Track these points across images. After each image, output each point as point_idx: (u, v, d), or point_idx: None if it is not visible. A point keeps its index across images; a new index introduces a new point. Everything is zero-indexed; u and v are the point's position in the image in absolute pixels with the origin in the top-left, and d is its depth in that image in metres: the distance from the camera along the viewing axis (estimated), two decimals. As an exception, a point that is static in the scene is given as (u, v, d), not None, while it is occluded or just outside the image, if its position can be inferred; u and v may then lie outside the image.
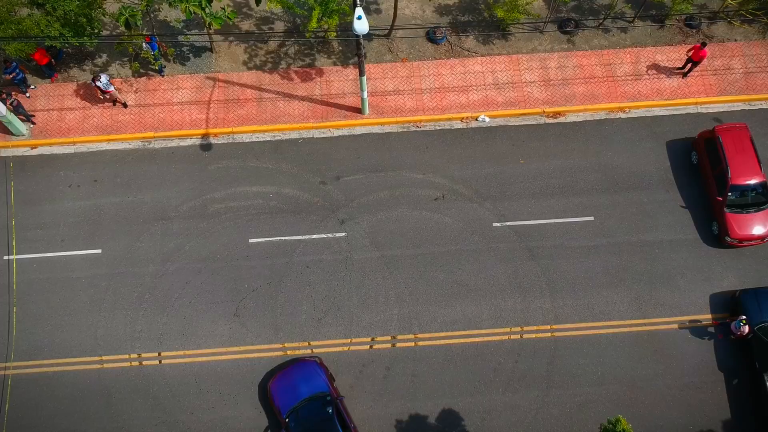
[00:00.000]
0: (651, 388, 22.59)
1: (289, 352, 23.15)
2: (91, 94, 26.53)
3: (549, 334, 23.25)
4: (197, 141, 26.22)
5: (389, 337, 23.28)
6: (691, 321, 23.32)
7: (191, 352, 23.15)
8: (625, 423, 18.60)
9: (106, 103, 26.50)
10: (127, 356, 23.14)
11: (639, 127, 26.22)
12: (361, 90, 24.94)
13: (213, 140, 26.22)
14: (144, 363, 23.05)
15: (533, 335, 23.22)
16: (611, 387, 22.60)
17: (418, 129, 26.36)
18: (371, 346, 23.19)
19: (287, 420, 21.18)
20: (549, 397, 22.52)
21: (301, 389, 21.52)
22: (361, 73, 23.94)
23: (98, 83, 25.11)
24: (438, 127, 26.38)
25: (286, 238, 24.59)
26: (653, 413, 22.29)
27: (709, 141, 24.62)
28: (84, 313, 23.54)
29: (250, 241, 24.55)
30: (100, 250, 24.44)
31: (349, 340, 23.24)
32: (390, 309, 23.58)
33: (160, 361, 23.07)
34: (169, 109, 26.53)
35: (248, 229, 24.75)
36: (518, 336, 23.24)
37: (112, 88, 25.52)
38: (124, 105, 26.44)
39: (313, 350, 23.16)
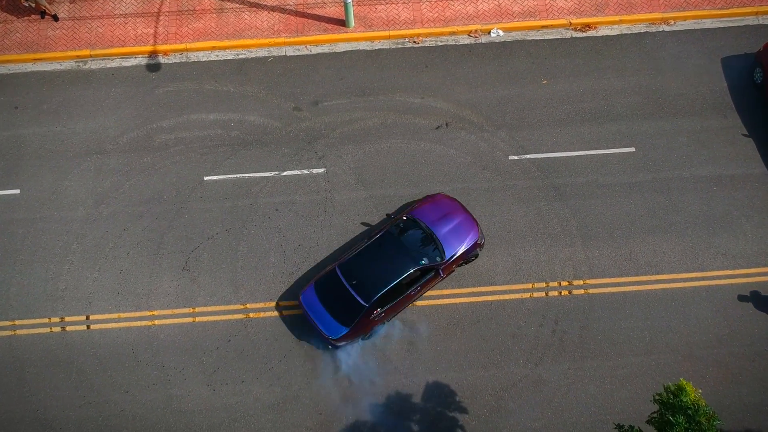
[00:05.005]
0: (712, 358, 17.71)
1: (251, 315, 18.28)
2: (14, 4, 21.68)
3: (582, 291, 18.38)
4: (143, 60, 21.37)
5: (379, 296, 18.45)
6: (760, 274, 18.43)
7: (128, 315, 18.29)
8: (691, 389, 13.58)
9: (33, 15, 21.67)
10: (47, 320, 18.28)
11: (687, 41, 21.35)
12: (344, -8, 20.11)
13: (162, 59, 21.36)
14: (68, 329, 18.20)
15: (562, 292, 18.36)
16: (662, 357, 17.73)
17: (416, 45, 21.51)
18: (356, 307, 18.36)
19: None
20: (583, 370, 17.65)
21: None
22: (343, -35, 19.10)
23: (18, -15, 20.30)
24: (440, 43, 21.52)
25: (251, 175, 19.74)
26: (716, 389, 17.35)
27: (779, 52, 19.79)
28: (-6, 267, 18.78)
29: (205, 178, 19.72)
30: (18, 191, 19.64)
31: (328, 300, 18.41)
32: (380, 261, 18.75)
33: (88, 327, 18.21)
34: (109, 23, 21.66)
35: (203, 164, 19.91)
36: (543, 294, 18.37)
37: (36, -7, 20.69)
38: (55, 18, 21.60)
39: (283, 312, 18.29)
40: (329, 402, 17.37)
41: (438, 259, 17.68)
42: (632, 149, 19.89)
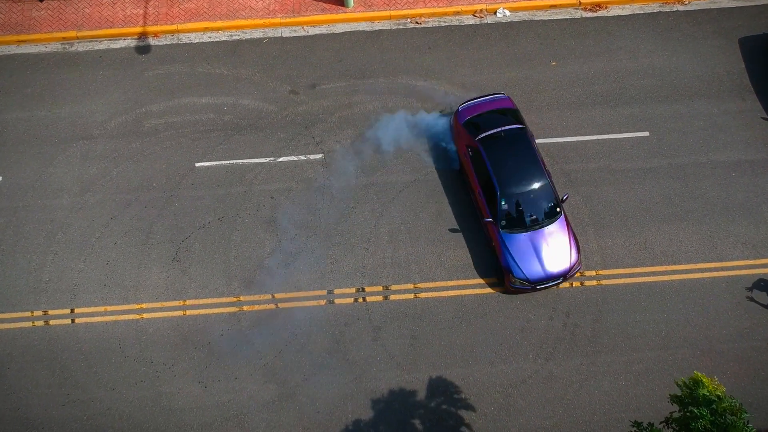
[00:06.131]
0: (733, 353, 16.74)
1: (245, 308, 17.32)
2: (-3, -16, 20.80)
3: (594, 282, 17.44)
4: (132, 42, 20.47)
5: (380, 288, 17.48)
6: (783, 264, 17.57)
7: (114, 308, 17.34)
8: (709, 382, 12.54)
9: (16, -4, 20.80)
10: (29, 314, 17.33)
11: (702, 21, 20.43)
12: (343, -32, 19.17)
13: (152, 41, 20.45)
14: (51, 322, 17.24)
15: (573, 283, 17.42)
16: (680, 351, 16.77)
17: (418, 26, 20.59)
18: (356, 300, 17.39)
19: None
20: (596, 365, 16.69)
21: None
22: (342, -61, 18.15)
23: (-1, -38, 19.36)
24: (444, 24, 20.60)
25: (245, 161, 18.81)
26: (737, 386, 16.34)
27: (800, 30, 18.87)
28: (-26, 258, 17.82)
29: (197, 165, 18.80)
30: (0, 178, 18.69)
31: (325, 292, 17.44)
32: (382, 251, 17.78)
33: (72, 320, 17.26)
34: (97, 3, 20.78)
35: (195, 150, 18.98)
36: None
37: (19, -29, 19.77)
38: (40, -2, 20.74)
39: (278, 305, 17.34)
40: (327, 400, 16.42)
41: (503, 223, 17.16)
42: (646, 133, 18.96)
